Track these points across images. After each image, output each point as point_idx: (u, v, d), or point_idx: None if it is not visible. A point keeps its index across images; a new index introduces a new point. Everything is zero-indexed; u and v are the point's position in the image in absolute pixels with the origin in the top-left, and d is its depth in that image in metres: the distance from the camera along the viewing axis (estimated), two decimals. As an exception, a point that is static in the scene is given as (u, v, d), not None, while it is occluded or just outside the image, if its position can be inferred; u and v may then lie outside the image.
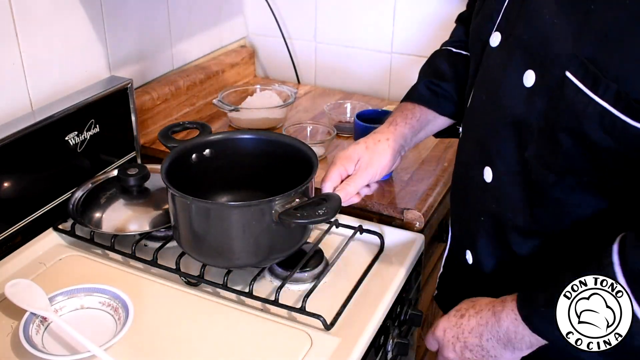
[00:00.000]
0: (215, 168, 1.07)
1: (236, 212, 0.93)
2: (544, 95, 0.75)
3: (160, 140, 1.07)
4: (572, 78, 0.70)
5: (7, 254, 1.06)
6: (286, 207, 0.90)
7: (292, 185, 0.93)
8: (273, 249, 0.96)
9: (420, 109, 1.04)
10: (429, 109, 1.04)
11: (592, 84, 0.69)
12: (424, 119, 1.04)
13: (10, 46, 1.10)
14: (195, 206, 0.93)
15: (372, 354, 0.97)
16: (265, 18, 1.75)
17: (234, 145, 1.08)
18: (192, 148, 1.05)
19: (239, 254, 0.95)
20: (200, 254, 0.98)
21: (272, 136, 1.09)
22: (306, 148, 1.02)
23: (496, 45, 0.83)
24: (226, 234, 0.94)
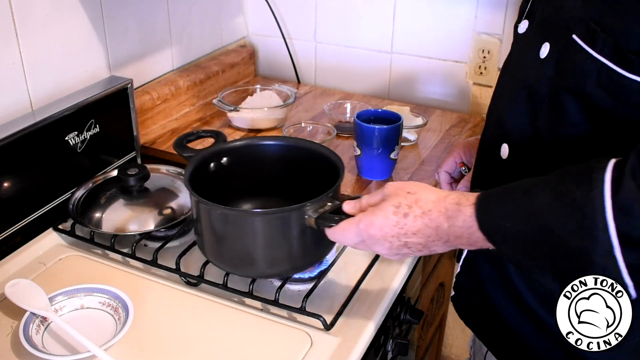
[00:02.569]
0: (235, 176, 1.06)
1: (268, 219, 0.91)
2: (553, 62, 0.77)
3: (176, 149, 1.05)
4: (577, 39, 0.73)
5: (7, 254, 1.06)
6: (319, 211, 0.88)
7: (316, 191, 0.91)
8: (305, 256, 0.94)
9: None
10: None
11: (591, 40, 0.71)
12: None
13: (10, 46, 1.10)
14: (224, 214, 0.91)
15: (372, 354, 0.97)
16: (265, 18, 1.75)
17: (253, 152, 1.06)
18: (210, 157, 1.04)
19: (270, 262, 0.93)
20: (226, 263, 0.96)
21: (292, 141, 1.07)
22: (329, 152, 1.00)
23: (523, 31, 0.86)
24: (256, 243, 0.92)
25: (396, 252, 0.81)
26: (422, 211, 0.77)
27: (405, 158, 1.35)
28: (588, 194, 0.66)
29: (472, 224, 0.74)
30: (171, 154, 1.36)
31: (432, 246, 0.79)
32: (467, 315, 1.05)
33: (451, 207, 0.76)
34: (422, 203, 0.78)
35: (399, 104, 1.54)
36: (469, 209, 0.74)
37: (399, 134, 1.23)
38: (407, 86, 1.68)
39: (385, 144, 1.21)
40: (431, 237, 0.77)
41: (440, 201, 0.77)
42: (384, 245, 0.80)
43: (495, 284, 0.94)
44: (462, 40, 1.57)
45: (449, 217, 0.76)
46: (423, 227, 0.77)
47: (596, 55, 0.71)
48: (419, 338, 1.41)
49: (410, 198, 0.79)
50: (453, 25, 1.57)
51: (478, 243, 0.75)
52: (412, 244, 0.79)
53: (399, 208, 0.78)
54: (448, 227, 0.76)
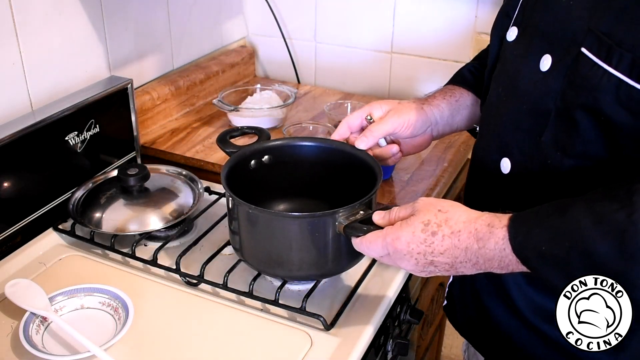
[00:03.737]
0: (273, 175, 1.06)
1: (298, 222, 0.91)
2: (559, 76, 0.75)
3: (219, 144, 1.05)
4: (587, 53, 0.71)
5: (7, 254, 1.06)
6: (350, 219, 0.87)
7: (352, 195, 0.91)
8: (333, 262, 0.94)
9: (460, 91, 1.04)
10: (469, 92, 1.03)
11: (606, 55, 0.69)
12: (462, 101, 1.03)
13: (10, 46, 1.10)
14: (256, 215, 0.91)
15: (372, 354, 0.97)
16: (265, 18, 1.75)
17: (293, 152, 1.06)
18: (251, 154, 1.04)
19: (299, 265, 0.93)
20: (258, 262, 0.97)
21: (334, 144, 1.05)
22: (369, 158, 0.99)
23: (513, 39, 0.84)
24: (287, 245, 0.92)
25: (422, 269, 0.78)
26: (452, 231, 0.75)
27: (405, 158, 1.35)
28: (630, 217, 0.64)
29: (504, 247, 0.71)
30: (171, 154, 1.36)
31: (459, 267, 0.76)
32: (463, 325, 1.04)
33: (482, 228, 0.73)
34: (452, 223, 0.75)
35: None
36: (501, 232, 0.72)
37: (399, 134, 1.22)
38: (407, 86, 1.68)
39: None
40: (459, 258, 0.75)
41: (471, 222, 0.75)
42: (410, 262, 0.78)
43: (492, 296, 0.93)
44: (462, 40, 1.57)
45: (479, 238, 0.73)
46: (451, 247, 0.75)
47: (612, 71, 0.69)
48: (419, 338, 1.41)
49: (440, 217, 0.76)
50: (453, 25, 1.57)
51: (510, 266, 0.73)
52: (439, 263, 0.76)
53: (428, 226, 0.76)
54: (478, 248, 0.73)
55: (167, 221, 1.09)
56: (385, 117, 0.98)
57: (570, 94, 0.74)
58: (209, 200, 1.20)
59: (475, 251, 0.74)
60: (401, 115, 0.98)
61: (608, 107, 0.70)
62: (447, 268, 0.77)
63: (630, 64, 0.67)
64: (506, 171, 0.85)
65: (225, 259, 1.05)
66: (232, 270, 1.00)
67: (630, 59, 0.67)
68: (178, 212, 1.11)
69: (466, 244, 0.74)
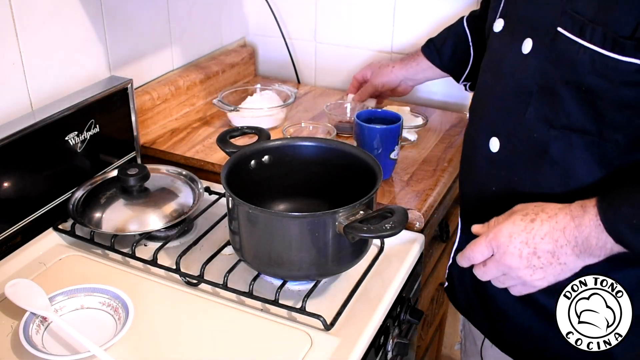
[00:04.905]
0: (273, 175, 1.06)
1: (298, 222, 0.91)
2: (540, 56, 0.82)
3: (219, 144, 1.05)
4: (563, 31, 0.79)
5: (7, 254, 1.06)
6: (350, 219, 0.88)
7: (352, 195, 0.91)
8: (333, 262, 0.94)
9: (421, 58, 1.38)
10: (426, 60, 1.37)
11: (580, 31, 0.77)
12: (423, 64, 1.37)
13: (10, 46, 1.10)
14: (256, 215, 0.91)
15: (372, 354, 0.97)
16: (265, 18, 1.75)
17: (293, 152, 1.07)
18: (251, 154, 1.04)
19: (299, 265, 0.93)
20: (258, 262, 0.97)
21: (333, 144, 1.07)
22: (368, 157, 1.00)
23: (499, 30, 0.91)
24: (287, 244, 0.92)
25: (527, 263, 0.80)
26: (549, 215, 0.79)
27: (405, 158, 1.35)
28: None
29: (598, 223, 0.75)
30: (171, 154, 1.36)
31: (561, 255, 0.78)
32: (462, 304, 1.09)
33: (576, 208, 0.78)
34: (548, 210, 0.80)
35: (399, 104, 1.54)
36: (593, 209, 0.76)
37: (399, 134, 1.23)
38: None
39: (385, 144, 1.21)
40: (559, 241, 0.78)
41: (565, 207, 0.79)
42: (514, 254, 0.80)
43: None
44: (462, 40, 1.57)
45: (574, 217, 0.77)
46: (550, 230, 0.78)
47: (587, 44, 0.76)
48: (419, 338, 1.41)
49: (536, 208, 0.81)
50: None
51: (608, 245, 0.76)
52: (541, 252, 0.79)
53: (526, 215, 0.80)
54: (575, 227, 0.77)
55: (167, 221, 1.09)
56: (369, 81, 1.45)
57: (550, 71, 0.81)
58: (209, 200, 1.20)
59: (573, 230, 0.77)
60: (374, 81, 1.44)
61: (586, 77, 0.77)
62: (549, 258, 0.79)
63: (602, 36, 0.75)
64: (495, 149, 0.91)
65: (225, 259, 1.05)
66: (232, 270, 1.00)
67: (601, 32, 0.75)
68: (178, 212, 1.11)
69: (564, 224, 0.77)
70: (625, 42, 0.73)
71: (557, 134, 0.83)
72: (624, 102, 0.77)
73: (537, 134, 0.85)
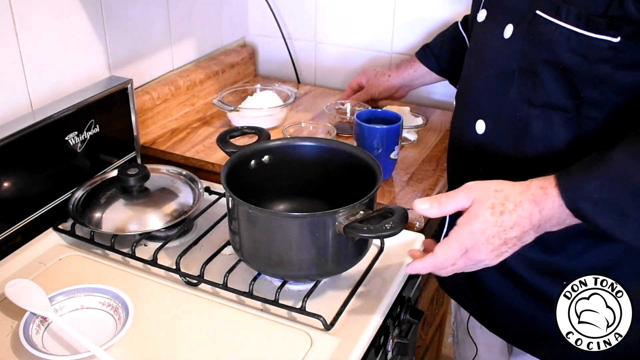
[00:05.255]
0: (273, 175, 1.06)
1: (298, 222, 0.91)
2: (520, 39, 0.86)
3: (219, 144, 1.05)
4: (540, 14, 0.83)
5: (7, 254, 1.06)
6: (350, 219, 0.87)
7: (353, 195, 0.91)
8: (333, 262, 0.94)
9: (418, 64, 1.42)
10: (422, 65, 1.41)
11: (556, 12, 0.81)
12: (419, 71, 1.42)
13: (10, 46, 1.10)
14: (256, 215, 0.91)
15: (372, 354, 0.97)
16: (265, 18, 1.75)
17: (293, 152, 1.06)
18: (251, 154, 1.04)
19: (299, 265, 0.93)
20: (258, 262, 0.97)
21: (333, 144, 1.07)
22: (368, 157, 1.00)
23: (482, 19, 0.95)
24: (287, 245, 0.92)
25: (497, 252, 0.82)
26: (514, 204, 0.80)
27: (405, 158, 1.35)
28: None
29: (560, 204, 0.77)
30: (171, 154, 1.36)
31: (524, 237, 0.81)
32: (450, 287, 1.12)
33: (537, 192, 0.79)
34: (512, 197, 0.81)
35: (399, 104, 1.54)
36: (554, 190, 0.78)
37: (399, 134, 1.23)
38: (407, 86, 1.68)
39: (385, 144, 1.21)
40: (526, 227, 0.80)
41: (526, 190, 0.80)
42: (487, 249, 0.81)
43: None
44: (462, 40, 1.57)
45: (537, 202, 0.79)
46: (518, 219, 0.80)
47: (563, 24, 0.80)
48: (419, 338, 1.41)
49: (499, 196, 0.81)
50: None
51: (567, 220, 0.79)
52: (509, 240, 0.81)
53: (494, 209, 0.81)
54: (539, 211, 0.79)
55: (167, 221, 1.09)
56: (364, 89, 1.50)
57: (530, 52, 0.85)
58: (209, 200, 1.20)
59: (537, 215, 0.79)
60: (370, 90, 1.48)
61: (563, 55, 0.82)
62: (514, 242, 0.82)
63: (577, 15, 0.79)
64: (481, 131, 0.94)
65: (225, 259, 1.05)
66: (232, 270, 1.00)
67: (576, 12, 0.79)
68: (178, 212, 1.11)
69: (529, 211, 0.79)
70: (598, 21, 0.77)
71: (537, 113, 0.86)
72: (599, 79, 0.81)
73: (519, 113, 0.88)
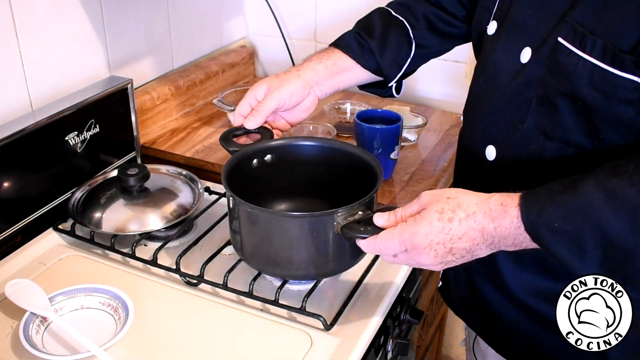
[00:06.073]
0: (275, 174, 1.06)
1: (297, 222, 0.91)
2: (539, 66, 0.80)
3: (221, 143, 1.04)
4: (563, 42, 0.77)
5: (7, 254, 1.06)
6: (349, 219, 0.87)
7: (354, 195, 0.91)
8: (332, 262, 0.94)
9: (339, 54, 1.08)
10: (348, 57, 1.08)
11: (580, 43, 0.75)
12: (341, 64, 1.08)
13: (10, 46, 1.10)
14: (255, 214, 0.91)
15: (372, 354, 0.97)
16: (265, 18, 1.75)
17: (296, 151, 1.06)
18: (254, 153, 1.04)
19: (299, 264, 0.93)
20: (258, 262, 0.97)
21: (335, 144, 1.06)
22: (369, 158, 1.00)
23: (493, 32, 0.89)
24: (286, 244, 0.92)
25: (441, 260, 0.77)
26: (467, 214, 0.75)
27: (405, 158, 1.35)
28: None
29: (519, 225, 0.73)
30: (171, 154, 1.36)
31: (475, 250, 0.77)
32: (456, 304, 1.09)
33: (496, 208, 0.74)
34: (465, 206, 0.76)
35: (399, 104, 1.54)
36: (515, 210, 0.73)
37: (399, 134, 1.23)
38: (407, 86, 1.67)
39: (385, 144, 1.21)
40: (476, 239, 0.75)
41: (484, 202, 0.75)
42: (429, 255, 0.77)
43: (482, 275, 0.97)
44: (462, 40, 1.57)
45: (494, 218, 0.74)
46: (469, 230, 0.75)
47: (586, 57, 0.74)
48: (419, 338, 1.41)
49: (451, 203, 0.76)
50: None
51: (524, 244, 0.74)
52: (457, 250, 0.76)
53: (443, 214, 0.76)
54: (494, 228, 0.74)
55: (167, 221, 1.09)
56: (267, 95, 1.03)
57: (549, 81, 0.79)
58: (209, 200, 1.20)
59: (492, 231, 0.74)
60: (281, 89, 1.03)
61: (584, 90, 0.76)
62: (463, 254, 0.77)
63: (603, 49, 0.73)
64: (491, 158, 0.89)
65: (225, 259, 1.05)
66: (232, 270, 1.00)
67: (602, 45, 0.73)
68: (178, 212, 1.11)
69: (482, 225, 0.75)
70: (625, 57, 0.72)
71: (553, 147, 0.81)
72: (619, 120, 0.75)
73: (535, 144, 0.83)
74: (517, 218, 0.73)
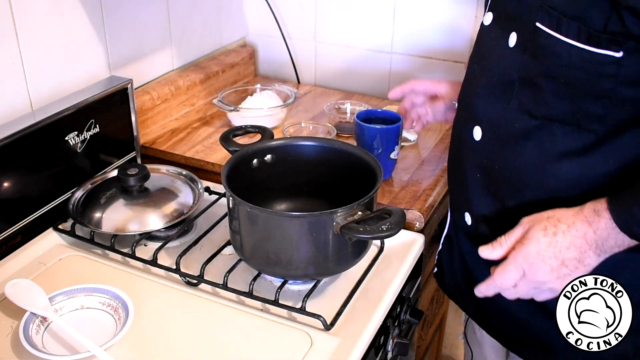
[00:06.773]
0: (275, 174, 1.06)
1: (296, 222, 0.91)
2: (523, 49, 0.85)
3: (222, 143, 1.05)
4: (541, 26, 0.82)
5: (7, 254, 1.06)
6: (348, 219, 0.88)
7: (353, 195, 0.91)
8: (332, 262, 0.94)
9: None
10: None
11: (556, 26, 0.80)
12: None
13: (10, 46, 1.10)
14: (255, 214, 0.92)
15: (372, 354, 0.97)
16: (265, 18, 1.75)
17: (296, 151, 1.07)
18: (254, 153, 1.04)
19: (297, 264, 0.93)
20: (258, 261, 0.97)
21: (335, 144, 1.07)
22: (369, 158, 1.00)
23: (488, 23, 0.94)
24: (285, 244, 0.92)
25: (557, 274, 0.82)
26: (567, 225, 0.81)
27: (405, 158, 1.35)
28: None
29: (614, 226, 0.78)
30: (171, 154, 1.36)
31: (585, 259, 0.81)
32: (450, 289, 1.12)
33: (590, 214, 0.80)
34: (564, 219, 0.82)
35: (398, 104, 1.54)
36: (607, 214, 0.79)
37: (399, 134, 1.23)
38: (407, 86, 1.68)
39: (385, 144, 1.21)
40: (582, 247, 0.81)
41: (579, 213, 0.81)
42: (545, 270, 0.82)
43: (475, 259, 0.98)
44: (462, 41, 1.57)
45: (591, 223, 0.80)
46: (573, 239, 0.81)
47: (564, 38, 0.79)
48: (419, 338, 1.41)
49: (552, 220, 0.83)
50: (453, 26, 1.57)
51: (626, 242, 0.79)
52: (568, 261, 0.81)
53: (547, 230, 0.82)
54: (593, 232, 0.80)
55: (167, 221, 1.09)
56: None
57: (532, 63, 0.84)
58: (209, 200, 1.20)
59: (592, 235, 0.80)
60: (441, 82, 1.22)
61: (565, 70, 0.81)
62: (576, 264, 0.82)
63: (577, 30, 0.78)
64: (478, 138, 0.93)
65: (225, 259, 1.05)
66: (232, 270, 1.00)
67: (577, 27, 0.78)
68: (178, 212, 1.11)
69: (583, 232, 0.80)
70: (600, 36, 0.76)
71: (537, 124, 0.86)
72: (601, 93, 0.80)
73: (519, 123, 0.87)
74: (610, 220, 0.78)
